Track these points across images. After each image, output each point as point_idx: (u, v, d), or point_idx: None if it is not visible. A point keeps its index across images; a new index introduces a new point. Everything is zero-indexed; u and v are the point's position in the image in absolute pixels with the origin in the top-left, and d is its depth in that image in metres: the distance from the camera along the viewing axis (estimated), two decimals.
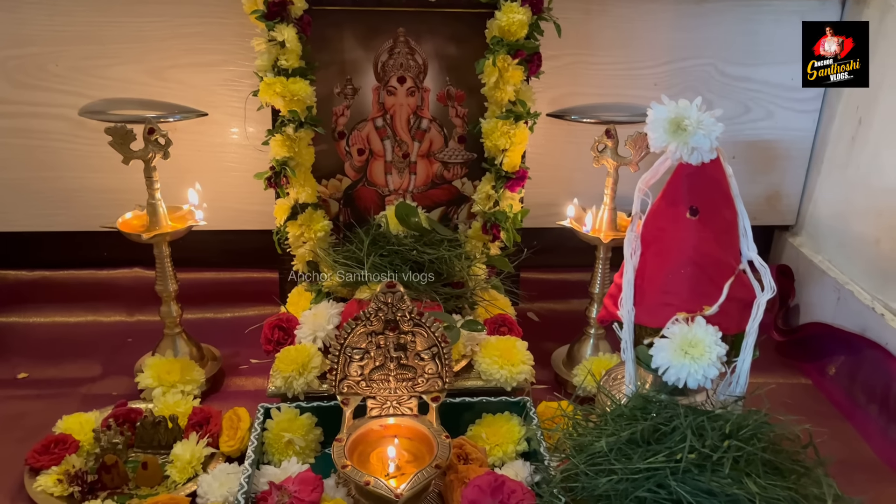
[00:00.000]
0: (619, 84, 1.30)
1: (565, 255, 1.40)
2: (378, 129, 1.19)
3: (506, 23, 1.07)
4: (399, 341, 0.93)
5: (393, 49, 1.15)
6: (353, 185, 1.22)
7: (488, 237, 1.18)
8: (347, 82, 1.16)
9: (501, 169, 1.15)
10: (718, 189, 0.88)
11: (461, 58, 1.15)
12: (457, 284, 1.14)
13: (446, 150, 1.21)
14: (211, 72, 1.23)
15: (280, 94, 1.06)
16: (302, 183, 1.13)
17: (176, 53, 1.22)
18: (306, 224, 1.15)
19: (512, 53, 1.09)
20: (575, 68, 1.28)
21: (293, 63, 1.07)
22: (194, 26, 1.20)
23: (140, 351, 1.22)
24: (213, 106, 1.23)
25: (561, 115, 1.26)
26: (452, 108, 1.19)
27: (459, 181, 1.23)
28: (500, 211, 1.16)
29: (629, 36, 1.27)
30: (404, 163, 1.21)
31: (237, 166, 1.30)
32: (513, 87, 1.11)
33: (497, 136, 1.13)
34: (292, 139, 1.09)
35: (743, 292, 0.88)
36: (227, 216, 1.33)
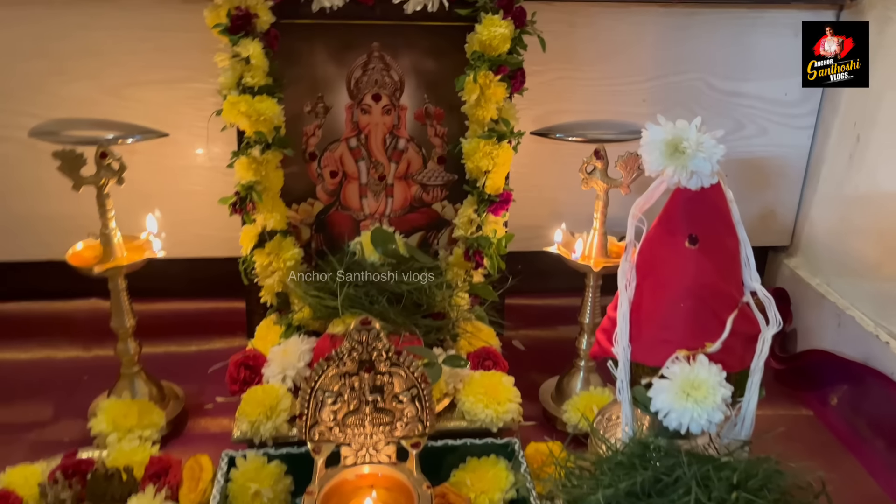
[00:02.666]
0: (607, 100, 1.26)
1: (551, 280, 1.35)
2: (352, 149, 1.13)
3: (487, 37, 1.02)
4: (375, 383, 0.86)
5: (367, 65, 1.09)
6: (325, 210, 1.15)
7: (471, 264, 1.12)
8: (318, 100, 1.10)
9: (484, 192, 1.09)
10: (719, 215, 0.82)
11: (440, 74, 1.10)
12: (437, 315, 1.08)
13: (425, 172, 1.15)
14: (173, 89, 1.17)
15: (245, 113, 1.00)
16: (270, 208, 1.06)
17: (134, 69, 1.15)
18: (275, 252, 1.08)
19: (494, 69, 1.04)
20: (560, 84, 1.24)
21: (259, 80, 1.01)
22: (154, 40, 1.14)
23: (96, 390, 1.14)
24: (175, 126, 1.17)
25: (545, 134, 1.22)
26: (431, 128, 1.13)
27: (439, 204, 1.17)
28: (484, 236, 1.10)
29: (616, 50, 1.22)
30: (380, 185, 1.15)
31: (202, 189, 1.23)
32: (495, 105, 1.06)
33: (479, 157, 1.07)
34: (259, 162, 1.03)
35: (747, 326, 0.82)
36: (192, 242, 1.26)
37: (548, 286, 1.37)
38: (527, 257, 1.24)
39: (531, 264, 1.28)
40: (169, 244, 1.07)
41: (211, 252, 1.27)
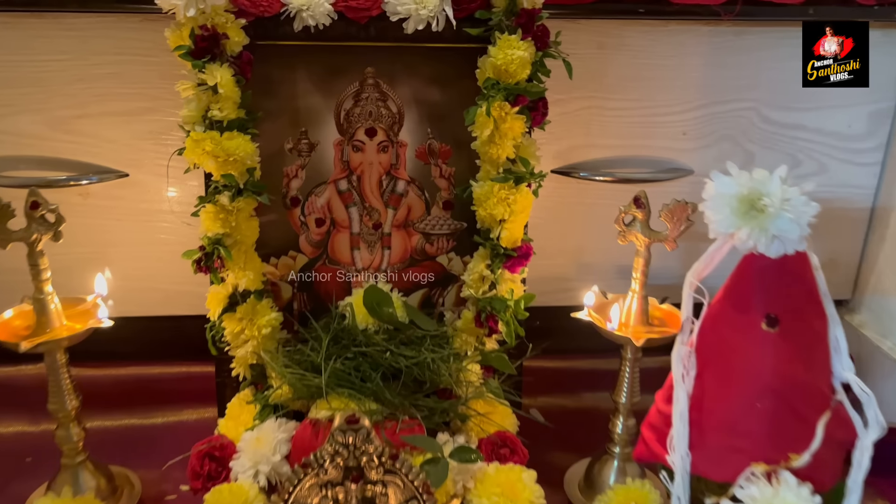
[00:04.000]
0: (640, 133, 1.10)
1: (575, 339, 1.16)
2: (342, 193, 0.96)
3: (502, 61, 0.86)
4: (365, 494, 0.70)
5: (360, 94, 0.93)
6: (310, 265, 0.98)
7: (483, 331, 0.94)
8: (302, 136, 0.94)
9: (499, 244, 0.92)
10: (804, 289, 0.65)
11: (446, 105, 0.94)
12: (443, 393, 0.91)
13: (428, 219, 0.98)
14: (131, 122, 1.01)
15: (211, 153, 0.84)
16: (242, 265, 0.90)
17: (85, 100, 0.99)
18: (248, 317, 0.91)
19: (510, 99, 0.87)
20: (586, 115, 1.07)
21: (229, 113, 0.85)
22: (109, 66, 0.98)
23: (40, 476, 0.97)
24: (135, 165, 1.03)
25: (569, 172, 1.08)
26: (436, 168, 0.97)
27: (445, 257, 1.00)
28: (498, 297, 0.93)
29: (652, 75, 1.06)
30: (375, 235, 0.98)
31: (169, 238, 1.07)
32: (512, 142, 0.90)
33: (493, 204, 0.90)
34: (228, 210, 0.87)
35: (840, 430, 0.65)
36: (157, 299, 1.11)
37: (570, 346, 1.19)
38: (546, 313, 1.07)
39: (551, 321, 1.10)
40: (130, 300, 0.97)
41: (179, 309, 1.10)
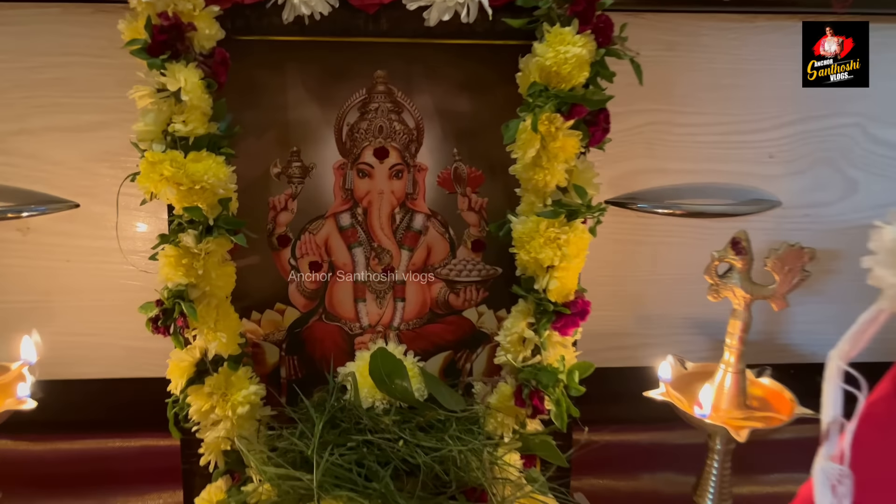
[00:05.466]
0: (717, 155, 0.90)
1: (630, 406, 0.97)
2: (343, 230, 0.77)
3: (553, 61, 0.66)
4: None
5: (367, 104, 0.74)
6: (302, 321, 0.79)
7: (525, 410, 0.73)
8: (293, 157, 0.75)
9: (546, 298, 0.72)
10: None
11: (478, 118, 0.75)
12: (472, 493, 0.70)
13: (453, 263, 0.79)
14: (82, 140, 0.83)
15: (171, 178, 0.65)
16: (212, 324, 0.70)
17: (24, 112, 0.81)
18: (220, 392, 0.72)
19: (564, 111, 0.67)
20: (649, 132, 0.88)
21: (196, 127, 0.66)
22: (53, 69, 0.80)
23: None
24: (87, 192, 0.85)
25: (626, 203, 0.91)
26: (463, 197, 0.77)
27: (474, 311, 0.80)
28: (546, 367, 0.72)
29: (734, 83, 0.87)
30: (386, 283, 0.78)
31: (130, 283, 0.88)
32: (563, 165, 0.70)
33: (538, 245, 0.70)
34: (194, 254, 0.67)
35: None
36: (115, 357, 0.91)
37: (624, 415, 0.99)
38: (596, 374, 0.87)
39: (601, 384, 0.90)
40: (81, 359, 0.85)
41: (143, 370, 0.91)
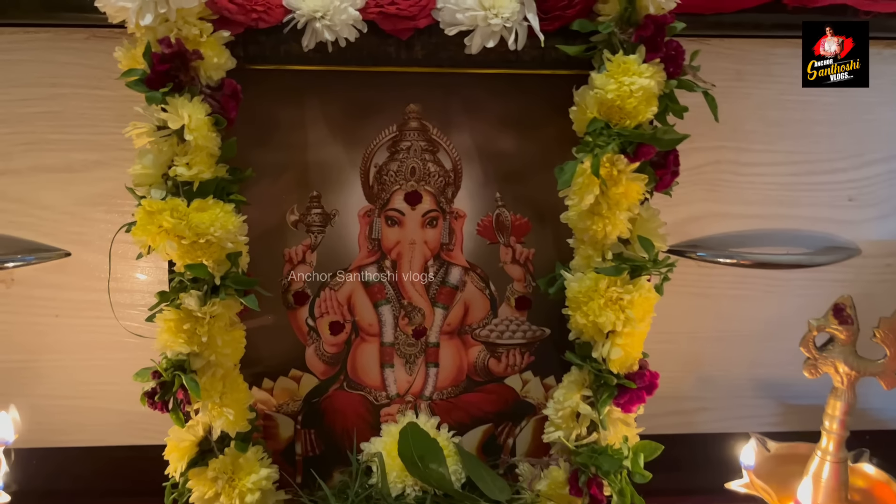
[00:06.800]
0: (788, 198, 0.81)
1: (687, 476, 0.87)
2: (369, 286, 0.68)
3: (616, 93, 0.58)
4: None
5: (398, 143, 0.66)
6: (321, 389, 0.69)
7: (582, 500, 0.63)
8: (313, 203, 0.66)
9: (607, 370, 0.62)
10: None
11: (525, 158, 0.68)
12: None
13: (494, 324, 0.70)
14: (74, 181, 0.74)
15: (172, 231, 0.56)
16: (218, 399, 0.61)
17: (10, 149, 0.73)
18: (226, 475, 0.62)
19: (629, 151, 0.58)
20: (712, 172, 0.79)
21: (202, 170, 0.59)
22: (43, 101, 0.72)
23: None
24: (79, 240, 0.76)
25: (685, 252, 0.80)
26: (507, 248, 0.68)
27: (519, 378, 0.70)
28: (606, 451, 0.62)
29: (809, 117, 0.78)
30: (417, 346, 0.69)
31: (128, 340, 0.78)
32: (626, 213, 0.62)
33: (598, 307, 0.61)
34: (197, 318, 0.57)
35: None
36: (112, 423, 0.82)
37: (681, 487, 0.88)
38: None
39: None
40: (74, 425, 0.79)
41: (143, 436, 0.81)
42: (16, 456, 0.78)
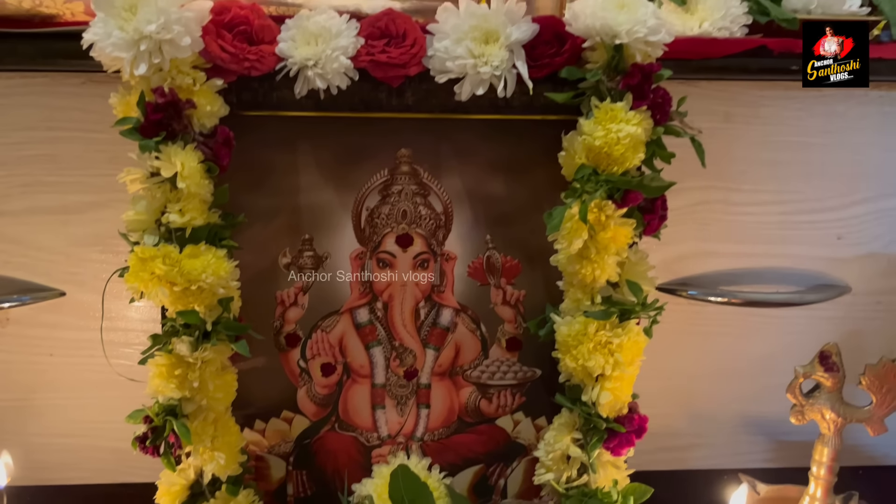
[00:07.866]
0: (778, 237, 0.82)
1: None
2: (361, 327, 0.68)
3: (603, 140, 0.59)
4: None
5: (390, 186, 0.67)
6: (313, 430, 0.70)
7: None
8: (304, 246, 0.67)
9: (597, 414, 0.62)
10: None
11: (514, 202, 0.68)
12: None
13: (485, 365, 0.70)
14: (70, 223, 0.75)
15: (164, 278, 0.57)
16: (209, 443, 0.61)
17: (7, 191, 0.74)
18: None
19: (617, 197, 0.59)
20: (703, 211, 0.80)
21: (194, 217, 0.59)
22: (39, 144, 0.73)
23: None
24: (73, 280, 0.76)
25: (676, 290, 0.81)
26: (497, 290, 0.68)
27: (510, 419, 0.71)
28: (596, 495, 0.63)
29: (798, 158, 0.79)
30: (408, 388, 0.70)
31: (120, 379, 0.78)
32: (615, 257, 0.62)
33: (587, 351, 0.62)
34: (189, 364, 0.58)
35: None
36: (105, 461, 0.82)
37: None
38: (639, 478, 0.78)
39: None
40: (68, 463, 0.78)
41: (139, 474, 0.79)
42: (9, 494, 0.78)
